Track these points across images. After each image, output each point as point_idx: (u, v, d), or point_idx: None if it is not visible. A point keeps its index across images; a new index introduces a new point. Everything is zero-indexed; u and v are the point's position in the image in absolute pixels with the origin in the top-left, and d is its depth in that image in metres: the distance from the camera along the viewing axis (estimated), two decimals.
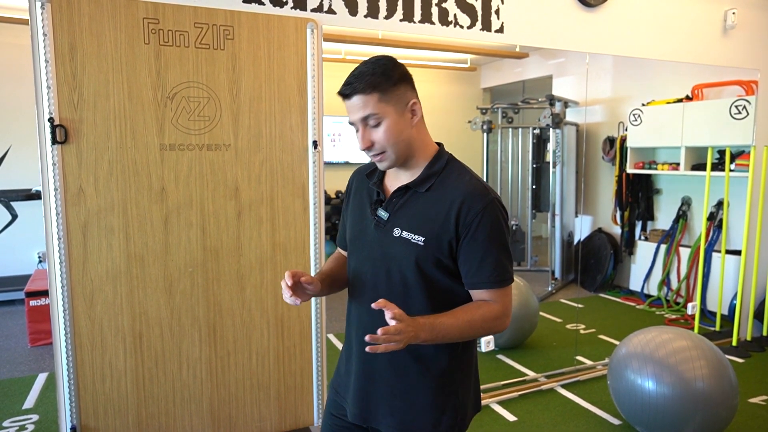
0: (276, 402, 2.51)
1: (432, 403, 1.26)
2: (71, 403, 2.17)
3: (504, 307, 1.22)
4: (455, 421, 1.27)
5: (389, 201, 1.28)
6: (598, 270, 5.46)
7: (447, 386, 1.27)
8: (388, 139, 1.20)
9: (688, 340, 2.53)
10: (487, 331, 1.22)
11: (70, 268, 2.12)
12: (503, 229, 1.22)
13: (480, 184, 1.23)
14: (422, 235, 1.21)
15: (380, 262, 1.27)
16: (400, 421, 1.28)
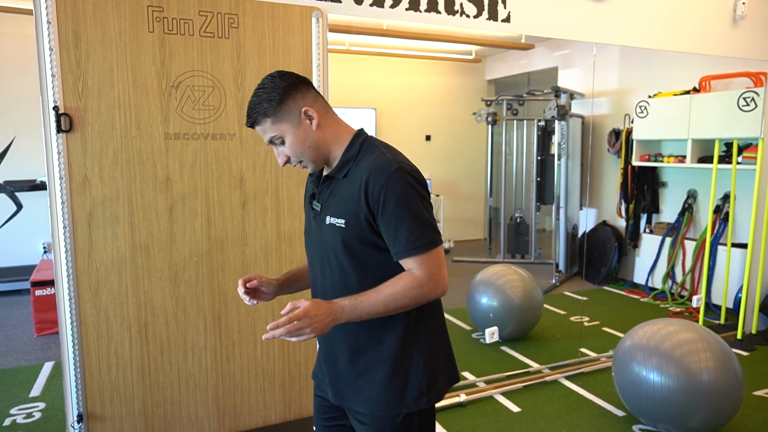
0: (281, 391, 2.52)
1: (392, 376, 1.28)
2: (78, 391, 2.18)
3: (428, 273, 1.21)
4: (421, 391, 1.28)
5: (320, 193, 1.36)
6: (602, 263, 5.45)
7: (406, 358, 1.28)
8: (295, 151, 1.28)
9: (693, 332, 2.52)
10: (415, 300, 1.22)
11: (75, 258, 2.12)
12: (412, 195, 1.22)
13: (385, 158, 1.25)
14: (343, 218, 1.27)
15: (322, 251, 1.35)
16: (367, 399, 1.30)
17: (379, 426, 1.29)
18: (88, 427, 2.21)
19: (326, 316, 1.18)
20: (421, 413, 1.30)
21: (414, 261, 1.22)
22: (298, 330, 1.14)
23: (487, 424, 2.66)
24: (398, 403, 1.28)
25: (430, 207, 1.26)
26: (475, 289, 3.78)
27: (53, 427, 2.65)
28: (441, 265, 1.23)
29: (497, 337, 3.39)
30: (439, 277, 1.22)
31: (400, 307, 1.22)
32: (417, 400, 1.28)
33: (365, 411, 1.31)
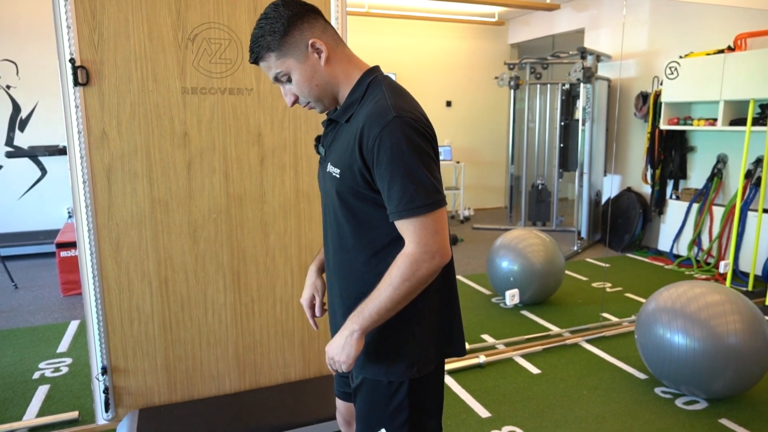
0: (300, 349, 2.53)
1: (383, 341, 1.20)
2: (101, 345, 2.21)
3: (419, 244, 1.07)
4: (412, 360, 1.20)
5: (325, 136, 1.26)
6: (625, 230, 5.34)
7: (399, 326, 1.19)
8: (302, 89, 1.17)
9: (721, 294, 2.45)
10: (417, 280, 1.08)
11: (96, 213, 2.13)
12: (408, 148, 1.06)
13: (384, 103, 1.10)
14: (339, 167, 1.16)
15: (324, 200, 1.28)
16: (361, 364, 1.24)
17: (368, 390, 1.24)
18: (112, 380, 2.26)
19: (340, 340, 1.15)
20: (413, 382, 1.21)
21: (405, 226, 1.08)
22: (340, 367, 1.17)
23: (506, 384, 2.65)
24: (387, 370, 1.21)
25: (431, 161, 1.10)
26: (495, 254, 3.73)
27: (79, 380, 2.72)
28: (437, 232, 1.08)
29: (518, 299, 3.35)
30: (432, 246, 1.07)
31: (407, 292, 1.09)
32: (407, 370, 1.20)
33: (355, 373, 1.26)
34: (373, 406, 1.25)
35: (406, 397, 1.22)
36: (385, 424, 1.24)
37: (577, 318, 3.50)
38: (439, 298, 1.24)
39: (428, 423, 1.29)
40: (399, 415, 1.23)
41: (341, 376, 1.43)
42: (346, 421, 1.49)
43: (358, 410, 1.28)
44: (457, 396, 2.54)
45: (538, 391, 2.60)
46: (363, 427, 1.27)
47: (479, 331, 3.30)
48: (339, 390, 1.46)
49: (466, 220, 6.80)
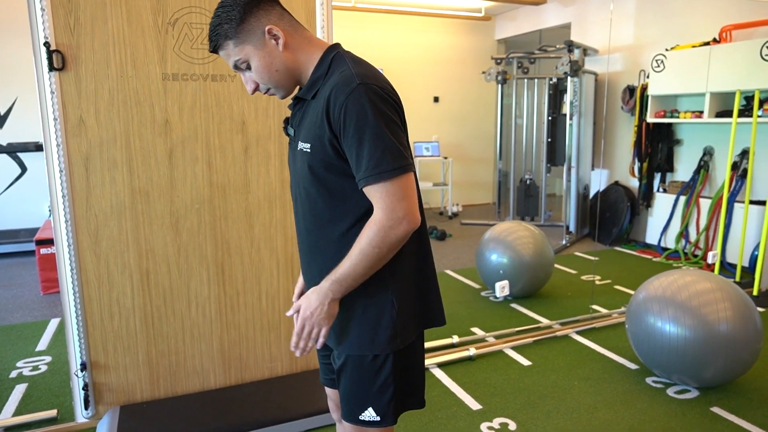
0: (287, 343, 2.47)
1: (363, 314, 1.19)
2: (80, 340, 2.14)
3: (386, 209, 1.07)
4: (394, 332, 1.19)
5: (293, 117, 1.25)
6: (613, 223, 5.35)
7: (378, 296, 1.18)
8: (262, 76, 1.17)
9: (711, 282, 2.44)
10: (386, 246, 1.09)
11: (73, 203, 2.06)
12: (374, 114, 1.06)
13: (348, 73, 1.10)
14: (309, 142, 1.16)
15: (294, 180, 1.26)
16: (338, 335, 1.23)
17: (353, 368, 1.22)
18: (92, 376, 2.18)
19: (320, 305, 1.14)
20: (397, 356, 1.20)
21: (373, 191, 1.09)
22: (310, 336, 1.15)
23: (497, 376, 2.62)
24: (370, 344, 1.19)
25: (397, 128, 1.10)
26: (484, 247, 3.70)
27: (59, 378, 2.63)
28: (405, 197, 1.08)
29: (508, 291, 3.32)
30: (399, 212, 1.08)
31: (377, 258, 1.10)
32: (390, 341, 1.18)
33: (337, 348, 1.24)
34: (359, 385, 1.22)
35: (392, 372, 1.20)
36: (372, 402, 1.21)
37: (567, 310, 3.48)
38: (415, 264, 1.23)
39: (413, 399, 1.27)
40: (385, 392, 1.21)
41: (324, 362, 1.39)
42: (336, 406, 1.46)
43: (343, 391, 1.25)
44: (447, 389, 2.50)
45: (529, 382, 2.57)
46: (349, 408, 1.24)
47: (469, 324, 3.27)
48: (325, 378, 1.42)
49: (454, 216, 6.78)
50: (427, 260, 1.27)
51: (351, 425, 1.26)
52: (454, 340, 2.96)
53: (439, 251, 5.08)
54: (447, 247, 5.25)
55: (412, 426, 2.20)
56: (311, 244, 1.23)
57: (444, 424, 2.22)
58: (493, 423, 2.23)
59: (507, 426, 2.21)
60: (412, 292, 1.23)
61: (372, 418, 1.22)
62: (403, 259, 1.20)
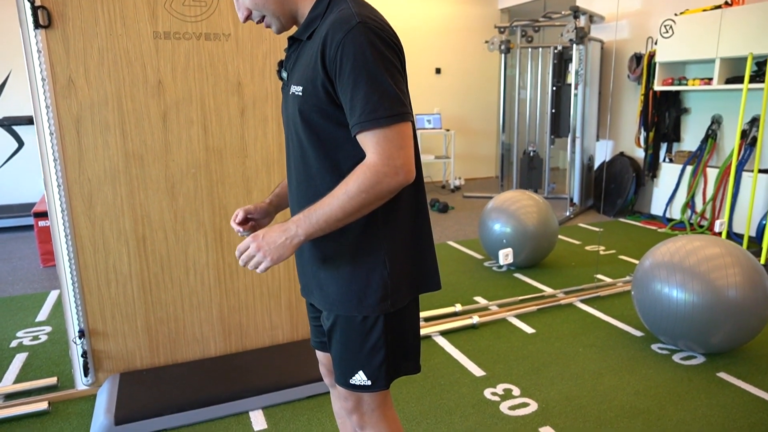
0: (287, 311, 2.44)
1: (353, 273, 1.12)
2: (77, 307, 2.11)
3: (382, 155, 0.99)
4: (385, 293, 1.12)
5: (287, 59, 1.17)
6: (618, 195, 5.28)
7: (370, 253, 1.11)
8: (256, 2, 1.10)
9: (720, 247, 2.38)
10: (375, 193, 1.00)
11: (65, 167, 2.00)
12: (371, 55, 0.98)
13: (348, 11, 1.02)
14: (301, 85, 1.08)
15: (287, 128, 1.19)
16: (327, 296, 1.16)
17: (342, 329, 1.16)
18: (91, 343, 2.16)
19: (278, 236, 1.03)
20: (388, 318, 1.14)
21: (367, 138, 1.00)
22: (250, 258, 1.05)
23: (500, 344, 2.59)
24: (359, 304, 1.12)
25: (397, 73, 1.02)
26: (487, 216, 3.65)
27: (59, 348, 2.61)
28: (402, 147, 1.01)
29: (511, 258, 3.28)
30: (397, 160, 1.00)
31: (361, 205, 1.01)
32: (380, 303, 1.12)
33: (325, 309, 1.18)
34: (348, 347, 1.17)
35: (382, 334, 1.14)
36: (363, 366, 1.16)
37: (571, 280, 3.44)
38: (410, 225, 1.16)
39: (406, 364, 1.22)
40: (376, 356, 1.15)
41: (315, 324, 1.34)
42: (328, 370, 1.41)
43: (334, 354, 1.20)
44: (450, 356, 2.48)
45: (533, 349, 2.54)
46: (340, 371, 1.19)
47: (472, 293, 3.23)
48: (316, 341, 1.37)
49: (456, 189, 6.71)
50: (423, 222, 1.20)
51: (344, 390, 1.21)
52: (457, 309, 2.92)
53: (441, 224, 5.03)
54: (449, 220, 5.20)
55: (414, 392, 2.18)
56: (300, 195, 1.17)
57: (447, 390, 2.20)
58: (497, 389, 2.20)
59: (510, 392, 2.18)
60: (407, 254, 1.16)
61: (363, 382, 1.17)
62: (398, 219, 1.13)
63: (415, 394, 2.16)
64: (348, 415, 1.25)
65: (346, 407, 1.24)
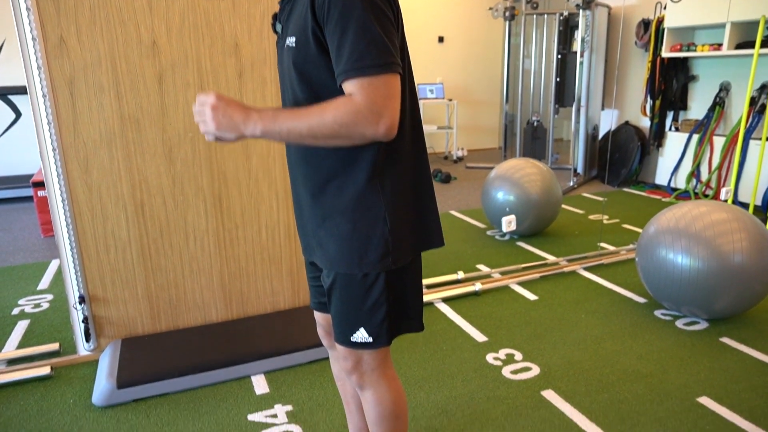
0: (288, 277, 2.43)
1: (354, 229, 1.09)
2: (76, 273, 2.09)
3: (366, 98, 0.94)
4: (386, 250, 1.09)
5: (281, 11, 1.12)
6: (622, 164, 5.22)
7: (369, 211, 1.08)
8: None
9: (728, 212, 2.35)
10: (347, 130, 0.95)
11: (60, 130, 1.96)
12: (362, 2, 0.94)
13: None
14: (294, 35, 1.03)
15: (282, 83, 1.14)
16: (327, 253, 1.14)
17: (342, 287, 1.13)
18: (92, 309, 2.15)
19: (238, 116, 0.98)
20: (389, 275, 1.12)
21: (353, 87, 0.95)
22: (202, 119, 1.00)
23: (503, 310, 2.58)
24: (359, 261, 1.10)
25: (388, 24, 0.98)
26: (490, 185, 3.61)
27: (61, 315, 2.62)
28: (388, 97, 0.95)
29: (514, 226, 3.25)
30: (382, 109, 0.94)
31: (329, 134, 0.96)
32: (381, 260, 1.10)
33: (326, 267, 1.15)
34: (349, 305, 1.14)
35: (383, 291, 1.12)
36: (363, 323, 1.14)
37: (574, 248, 3.42)
38: (411, 183, 1.14)
39: (409, 322, 1.20)
40: (377, 312, 1.13)
41: (314, 285, 1.32)
42: (326, 332, 1.40)
43: (334, 312, 1.18)
44: (452, 322, 2.47)
45: (535, 316, 2.53)
46: (340, 329, 1.17)
47: (474, 261, 3.22)
48: (315, 301, 1.35)
49: (459, 160, 6.65)
50: (424, 179, 1.17)
51: (344, 348, 1.19)
52: (459, 276, 2.91)
53: (444, 193, 4.99)
54: (451, 190, 5.16)
55: (416, 357, 2.18)
56: (297, 152, 1.13)
57: (449, 355, 2.19)
58: (499, 354, 2.20)
59: (513, 356, 2.18)
60: (408, 210, 1.14)
61: (364, 339, 1.16)
62: (398, 175, 1.10)
63: (417, 359, 2.16)
64: (347, 376, 1.24)
65: (346, 367, 1.22)
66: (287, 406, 1.89)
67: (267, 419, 1.82)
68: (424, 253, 1.29)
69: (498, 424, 1.76)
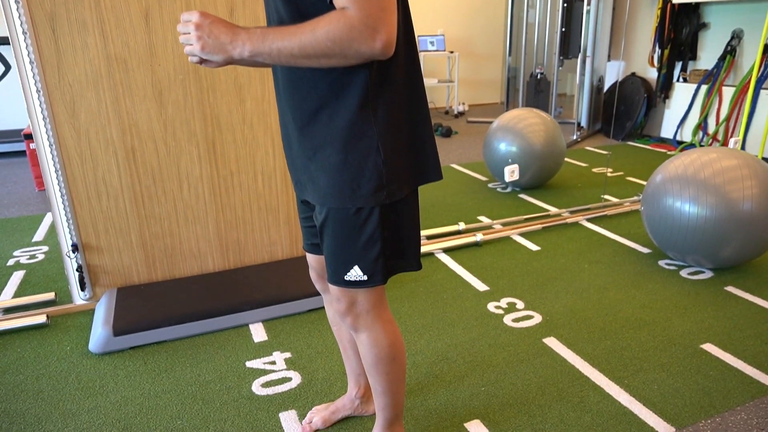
0: (286, 227, 2.38)
1: (345, 161, 1.02)
2: (68, 220, 2.04)
3: (363, 13, 0.86)
4: (380, 182, 1.03)
5: None
6: (627, 117, 5.10)
7: (361, 141, 1.01)
8: None
9: (738, 158, 2.27)
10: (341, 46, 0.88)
11: (43, 70, 1.87)
12: None
13: None
14: None
15: (267, 5, 1.06)
16: (318, 188, 1.07)
17: (335, 222, 1.08)
18: (86, 258, 2.11)
19: (225, 36, 0.91)
20: (384, 210, 1.06)
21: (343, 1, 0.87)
22: (188, 40, 0.93)
23: (504, 261, 2.54)
24: (352, 194, 1.04)
25: None
26: (492, 136, 3.52)
27: (56, 266, 2.58)
28: (385, 10, 0.87)
29: (517, 175, 3.18)
30: (378, 23, 0.86)
31: (321, 52, 0.89)
32: (375, 193, 1.04)
33: (317, 202, 1.09)
34: (343, 241, 1.09)
35: (378, 227, 1.06)
36: (358, 260, 1.09)
37: (577, 200, 3.36)
38: (405, 110, 1.06)
39: (405, 261, 1.14)
40: (372, 249, 1.08)
41: (306, 225, 1.26)
42: (319, 275, 1.35)
43: (327, 251, 1.12)
44: (453, 272, 2.43)
45: (538, 266, 2.49)
46: (334, 268, 1.12)
47: (475, 213, 3.16)
48: (307, 243, 1.30)
49: (460, 114, 6.51)
50: (420, 109, 1.09)
51: (337, 289, 1.15)
52: (460, 227, 2.86)
53: (445, 147, 4.90)
54: (452, 144, 5.06)
55: (416, 306, 2.15)
56: (286, 81, 1.05)
57: (449, 304, 2.17)
58: (500, 302, 2.17)
59: (514, 305, 2.15)
60: (403, 140, 1.06)
61: (358, 277, 1.11)
62: (391, 104, 1.02)
63: (417, 308, 2.14)
64: (342, 318, 1.19)
65: (340, 309, 1.18)
66: (286, 353, 1.87)
67: (265, 366, 1.80)
68: (422, 203, 1.22)
69: (500, 370, 1.75)
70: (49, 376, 1.76)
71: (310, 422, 1.51)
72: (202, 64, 1.00)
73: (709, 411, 1.54)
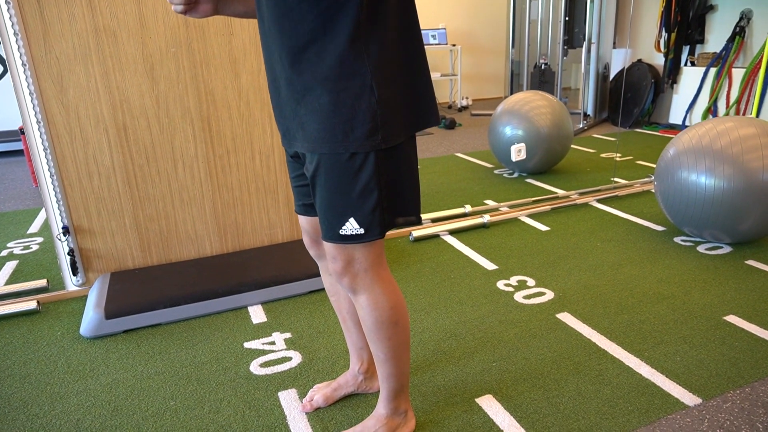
0: (286, 208, 2.29)
1: (337, 102, 0.94)
2: (58, 201, 1.96)
3: None
4: (374, 125, 0.95)
5: None
6: (634, 104, 5.00)
7: (352, 79, 0.93)
8: None
9: (756, 127, 2.17)
10: None
11: (29, 43, 1.79)
12: None
13: None
14: None
15: None
16: (308, 134, 0.98)
17: (327, 170, 0.99)
18: (77, 241, 2.03)
19: None
20: (380, 155, 0.98)
21: None
22: None
23: (513, 241, 2.45)
24: (345, 138, 0.96)
25: None
26: (498, 121, 3.43)
27: (50, 256, 2.50)
28: None
29: (524, 154, 3.09)
30: None
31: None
32: (369, 137, 0.96)
33: (308, 150, 1.00)
34: (336, 192, 1.00)
35: (374, 174, 0.98)
36: (353, 212, 1.00)
37: (586, 183, 3.26)
38: (402, 46, 0.99)
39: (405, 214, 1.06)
40: (368, 199, 0.99)
41: (297, 185, 1.18)
42: (312, 240, 1.26)
43: (320, 205, 1.03)
44: (460, 252, 2.34)
45: (548, 245, 2.39)
46: (328, 222, 1.03)
47: (481, 197, 3.07)
48: (299, 204, 1.21)
49: (463, 109, 6.43)
50: (416, 46, 1.02)
51: (333, 246, 1.05)
52: (467, 209, 2.77)
53: (449, 138, 4.82)
54: (457, 135, 4.97)
55: (423, 286, 2.06)
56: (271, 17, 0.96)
57: (458, 283, 2.07)
58: (510, 280, 2.08)
59: (525, 283, 2.05)
60: (398, 81, 0.98)
61: (355, 231, 1.02)
62: (385, 39, 0.94)
63: (424, 288, 2.04)
64: (338, 279, 1.10)
65: (336, 269, 1.09)
66: (286, 333, 1.78)
67: (264, 346, 1.71)
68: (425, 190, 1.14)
69: (511, 346, 1.65)
70: (37, 361, 1.68)
71: (311, 400, 1.42)
72: (186, 14, 0.93)
73: (737, 381, 1.44)
